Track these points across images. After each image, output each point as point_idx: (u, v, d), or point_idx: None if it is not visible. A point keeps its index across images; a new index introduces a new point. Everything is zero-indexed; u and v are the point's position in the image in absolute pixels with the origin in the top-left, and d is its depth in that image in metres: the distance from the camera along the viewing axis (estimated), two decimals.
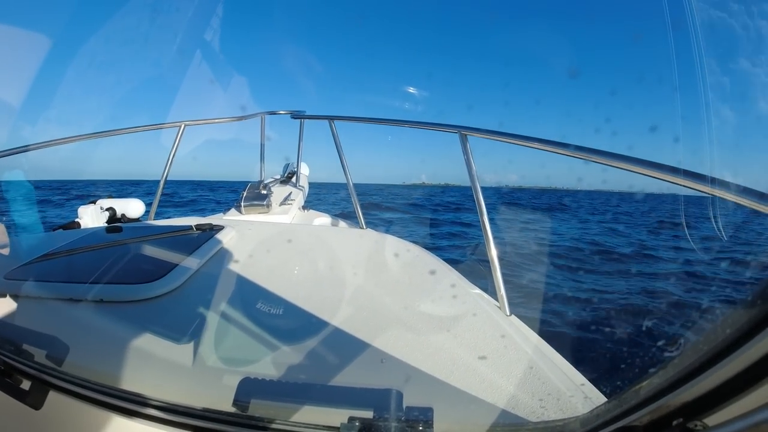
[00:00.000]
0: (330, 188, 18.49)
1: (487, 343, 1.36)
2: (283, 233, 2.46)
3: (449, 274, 1.92)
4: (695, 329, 4.23)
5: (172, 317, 1.47)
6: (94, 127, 9.97)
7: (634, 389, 0.68)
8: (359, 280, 1.83)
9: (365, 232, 2.68)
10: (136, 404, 1.07)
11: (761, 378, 0.44)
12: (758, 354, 0.44)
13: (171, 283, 1.62)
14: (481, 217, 1.79)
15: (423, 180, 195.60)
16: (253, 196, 3.30)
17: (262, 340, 1.35)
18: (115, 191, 4.60)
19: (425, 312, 1.56)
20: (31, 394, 1.12)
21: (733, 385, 0.47)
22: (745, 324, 0.45)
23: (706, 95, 1.31)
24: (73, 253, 1.95)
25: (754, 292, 0.46)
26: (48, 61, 2.67)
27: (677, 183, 1.27)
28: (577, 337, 4.09)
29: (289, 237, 2.39)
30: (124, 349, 1.29)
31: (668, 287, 5.70)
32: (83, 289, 1.57)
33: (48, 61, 2.67)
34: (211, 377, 1.19)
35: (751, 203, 1.15)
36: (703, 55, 1.30)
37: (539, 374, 1.21)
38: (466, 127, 2.00)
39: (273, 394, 1.04)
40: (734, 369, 0.46)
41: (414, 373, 1.20)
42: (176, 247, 1.94)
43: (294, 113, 3.85)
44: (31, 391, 1.12)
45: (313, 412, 1.02)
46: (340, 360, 1.24)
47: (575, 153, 1.54)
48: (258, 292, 1.65)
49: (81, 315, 1.48)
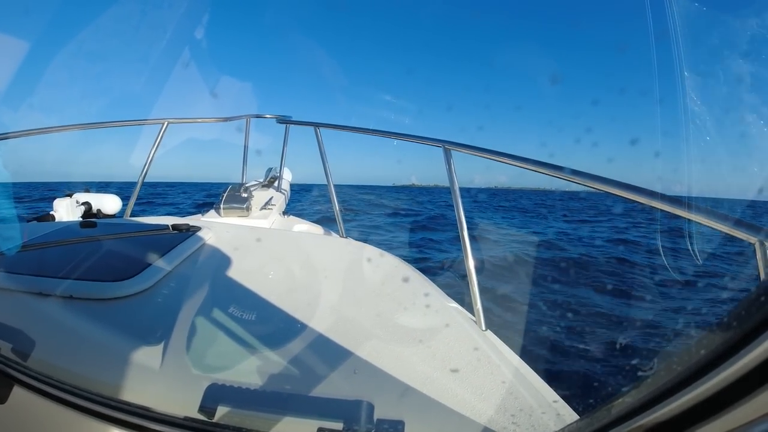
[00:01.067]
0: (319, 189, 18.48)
1: (461, 356, 1.35)
2: (262, 238, 2.43)
3: (426, 287, 1.91)
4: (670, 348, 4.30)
5: (142, 318, 1.44)
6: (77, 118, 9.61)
7: (606, 408, 0.67)
8: (335, 288, 1.82)
9: (344, 240, 2.67)
10: (100, 405, 1.03)
11: (734, 401, 0.44)
12: (732, 377, 0.43)
13: (143, 282, 1.59)
14: (461, 231, 1.80)
15: (413, 181, 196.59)
16: (233, 198, 3.26)
17: (233, 345, 1.32)
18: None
19: (400, 323, 1.55)
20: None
21: (706, 407, 0.47)
22: (720, 345, 0.45)
23: (686, 111, 1.33)
24: (46, 247, 1.90)
25: (728, 314, 0.46)
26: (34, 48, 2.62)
27: (655, 207, 1.29)
28: (552, 354, 4.12)
29: (267, 242, 2.36)
30: (91, 348, 1.26)
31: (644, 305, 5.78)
32: (53, 283, 1.52)
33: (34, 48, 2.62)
34: (178, 381, 1.16)
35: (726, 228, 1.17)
36: (685, 69, 1.33)
37: (512, 390, 1.21)
38: (450, 141, 2.02)
39: (241, 402, 1.02)
40: (708, 390, 0.46)
41: (386, 384, 1.19)
42: (151, 247, 1.90)
43: (280, 118, 3.84)
44: None
45: (281, 422, 0.99)
46: (311, 369, 1.22)
47: (558, 174, 1.56)
48: (232, 296, 1.63)
49: (49, 310, 1.45)
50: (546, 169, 1.60)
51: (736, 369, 0.43)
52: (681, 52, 1.32)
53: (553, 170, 1.58)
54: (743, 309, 0.44)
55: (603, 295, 6.13)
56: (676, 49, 1.33)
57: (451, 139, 2.00)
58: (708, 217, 1.20)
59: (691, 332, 4.74)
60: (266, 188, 4.14)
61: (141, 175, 3.24)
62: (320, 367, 1.23)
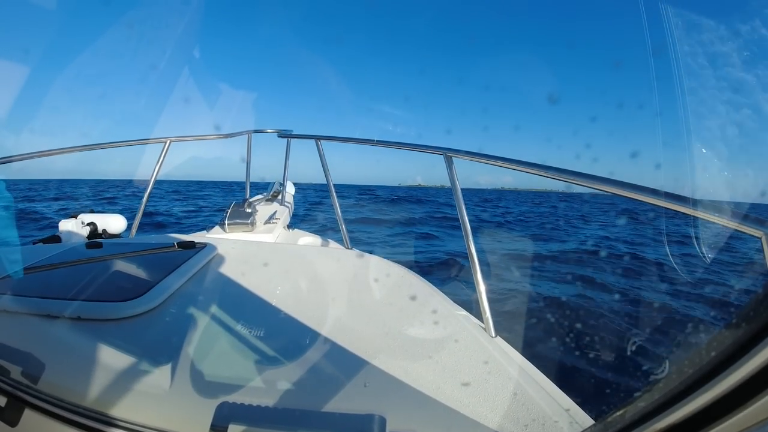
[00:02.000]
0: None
1: (472, 367, 1.34)
2: (267, 252, 2.43)
3: (434, 296, 1.90)
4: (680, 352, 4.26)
5: (150, 337, 1.44)
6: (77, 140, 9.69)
7: (620, 413, 0.67)
8: (343, 301, 1.81)
9: (350, 252, 2.66)
10: (111, 426, 1.03)
11: (747, 400, 0.43)
12: (743, 376, 0.43)
13: (151, 301, 1.59)
14: (466, 240, 1.79)
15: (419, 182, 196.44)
16: (238, 214, 3.27)
17: (243, 363, 1.32)
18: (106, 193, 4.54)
19: (409, 335, 1.54)
20: (7, 411, 1.09)
21: (719, 408, 0.47)
22: (730, 346, 0.45)
23: (687, 122, 1.33)
24: (52, 268, 1.91)
25: (738, 314, 0.46)
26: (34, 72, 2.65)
27: (659, 204, 1.28)
28: (563, 359, 4.08)
29: (272, 256, 2.36)
30: (100, 369, 1.25)
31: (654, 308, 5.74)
32: (61, 305, 1.52)
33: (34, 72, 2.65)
34: (188, 400, 1.16)
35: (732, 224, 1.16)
36: (683, 81, 1.33)
37: (524, 399, 1.19)
38: (451, 149, 2.02)
39: (252, 419, 1.01)
40: (720, 391, 0.46)
41: (397, 398, 1.18)
42: (157, 265, 1.91)
43: (281, 132, 3.86)
44: (7, 408, 1.09)
45: None
46: (322, 384, 1.21)
47: (557, 176, 1.56)
48: (240, 312, 1.63)
49: (58, 332, 1.44)
50: (547, 171, 1.60)
51: (748, 368, 0.43)
52: (679, 64, 1.33)
53: (555, 173, 1.57)
54: (752, 308, 0.44)
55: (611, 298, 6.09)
56: (675, 62, 1.33)
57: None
58: (713, 213, 1.19)
59: (701, 334, 4.69)
60: (270, 202, 4.15)
61: (145, 194, 3.26)
62: (330, 382, 1.22)
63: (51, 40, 35.63)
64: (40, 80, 5.03)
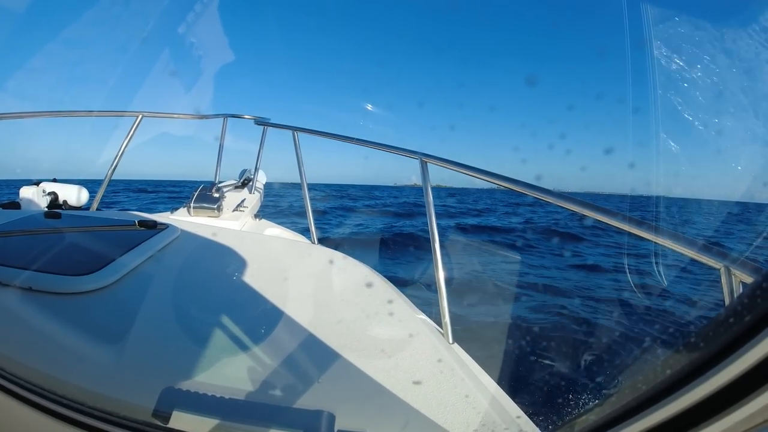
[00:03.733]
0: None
1: (426, 369, 1.35)
2: (230, 239, 2.38)
3: (395, 298, 1.90)
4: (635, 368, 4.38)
5: (101, 314, 1.40)
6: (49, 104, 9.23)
7: (569, 425, 0.67)
8: (302, 294, 1.80)
9: (315, 247, 2.64)
10: (51, 402, 0.99)
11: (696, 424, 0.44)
12: (696, 398, 0.43)
13: (105, 278, 1.54)
14: (432, 243, 1.81)
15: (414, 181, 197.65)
16: (205, 198, 3.20)
17: (192, 348, 1.28)
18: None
19: (366, 333, 1.53)
20: None
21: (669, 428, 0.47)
22: (685, 366, 0.45)
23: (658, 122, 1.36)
24: (7, 235, 1.83)
25: (695, 335, 0.46)
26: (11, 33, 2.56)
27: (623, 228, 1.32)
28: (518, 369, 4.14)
29: (235, 244, 2.31)
30: (46, 342, 1.22)
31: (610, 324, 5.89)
32: (12, 273, 1.47)
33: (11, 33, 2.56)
34: (133, 383, 1.12)
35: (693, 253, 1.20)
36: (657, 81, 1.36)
37: (475, 404, 1.20)
38: (427, 154, 2.06)
39: (197, 407, 0.98)
40: (671, 411, 0.46)
41: (349, 395, 1.17)
42: (116, 242, 1.85)
43: (258, 119, 3.80)
44: None
45: (239, 430, 0.96)
46: (273, 377, 1.19)
47: (527, 191, 1.59)
48: (195, 297, 1.59)
49: (6, 300, 1.40)
50: (517, 186, 1.63)
51: (701, 391, 0.43)
52: (655, 63, 1.36)
53: (525, 188, 1.60)
54: (710, 330, 0.44)
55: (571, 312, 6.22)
56: (650, 60, 1.36)
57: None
58: (675, 241, 1.22)
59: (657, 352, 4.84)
60: (239, 189, 4.08)
61: (110, 168, 3.16)
62: (283, 375, 1.21)
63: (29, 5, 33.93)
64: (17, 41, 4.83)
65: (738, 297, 1.07)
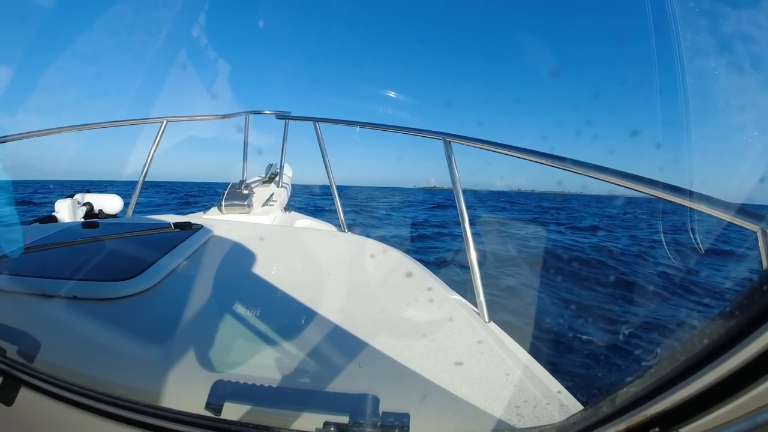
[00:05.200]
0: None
1: (465, 349, 1.36)
2: (264, 234, 2.43)
3: (429, 280, 1.91)
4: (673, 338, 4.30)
5: (146, 316, 1.44)
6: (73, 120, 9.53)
7: (611, 398, 0.67)
8: (338, 283, 1.82)
9: (346, 235, 2.66)
10: (107, 404, 1.04)
11: (738, 389, 0.44)
12: (735, 365, 0.43)
13: (147, 281, 1.59)
14: (462, 223, 1.80)
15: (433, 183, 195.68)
16: (235, 195, 3.26)
17: (238, 342, 1.32)
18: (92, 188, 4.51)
19: (404, 317, 1.55)
20: (3, 390, 1.09)
21: (710, 396, 0.47)
22: (723, 334, 0.45)
23: (686, 102, 1.32)
24: (49, 248, 1.90)
25: (731, 303, 0.46)
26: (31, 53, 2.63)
27: (656, 195, 1.28)
28: (556, 345, 4.12)
29: (269, 238, 2.36)
30: (96, 348, 1.26)
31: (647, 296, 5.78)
32: (57, 284, 1.53)
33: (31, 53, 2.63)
34: (184, 379, 1.16)
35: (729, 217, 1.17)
36: (684, 60, 1.32)
37: (516, 381, 1.21)
38: (450, 134, 2.02)
39: (247, 397, 1.02)
40: (711, 379, 0.46)
41: (391, 378, 1.19)
42: (153, 245, 1.90)
43: (279, 114, 3.83)
44: (3, 387, 1.09)
45: (288, 417, 1.00)
46: (316, 364, 1.22)
47: (558, 164, 1.56)
48: (235, 293, 1.63)
49: (54, 311, 1.44)
50: (545, 159, 1.59)
51: (740, 358, 0.43)
52: (680, 42, 1.32)
53: (554, 161, 1.57)
54: (746, 298, 0.44)
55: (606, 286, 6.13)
56: (676, 40, 1.32)
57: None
58: (710, 205, 1.19)
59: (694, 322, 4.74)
60: (267, 184, 4.13)
61: (141, 175, 3.24)
62: (325, 362, 1.23)
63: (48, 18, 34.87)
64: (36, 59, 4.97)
65: None
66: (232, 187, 3.38)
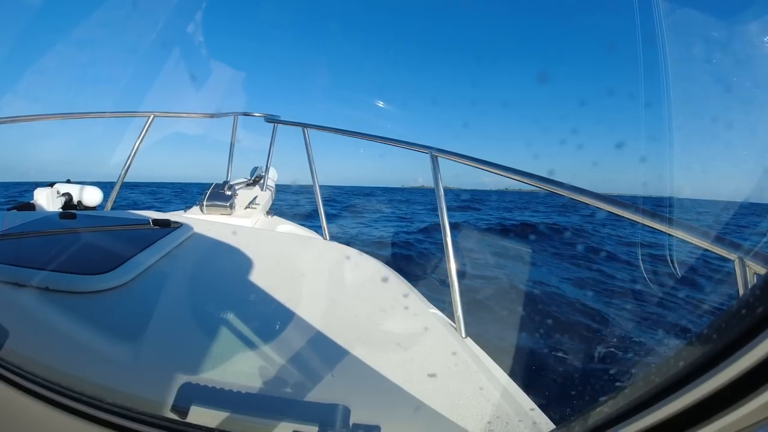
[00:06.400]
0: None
1: (439, 362, 1.35)
2: (243, 237, 2.40)
3: (408, 293, 1.91)
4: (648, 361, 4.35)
5: (118, 312, 1.42)
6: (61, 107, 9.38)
7: (583, 417, 0.67)
8: (315, 290, 1.81)
9: (327, 242, 2.65)
10: (70, 399, 1.01)
11: (712, 414, 0.44)
12: (709, 390, 0.43)
13: (121, 277, 1.56)
14: (444, 236, 1.80)
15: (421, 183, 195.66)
16: (217, 196, 3.24)
17: (208, 344, 1.30)
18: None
19: (379, 327, 1.54)
20: None
21: (683, 420, 0.47)
22: (698, 358, 0.45)
23: (671, 116, 1.35)
24: (24, 237, 1.86)
25: (708, 326, 0.46)
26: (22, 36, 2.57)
27: (636, 221, 1.31)
28: (530, 363, 4.13)
29: (248, 241, 2.33)
30: (64, 341, 1.24)
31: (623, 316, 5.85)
32: (29, 274, 1.50)
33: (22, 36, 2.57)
34: (151, 379, 1.14)
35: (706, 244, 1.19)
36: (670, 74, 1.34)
37: (489, 397, 1.21)
38: (437, 148, 2.05)
39: (214, 402, 1.00)
40: (685, 403, 0.46)
41: (363, 388, 1.18)
42: (130, 241, 1.87)
43: (268, 117, 3.82)
44: None
45: (255, 424, 0.98)
46: (288, 371, 1.21)
47: (541, 185, 1.58)
48: (210, 294, 1.61)
49: (24, 301, 1.42)
50: (530, 179, 1.62)
51: (716, 382, 0.43)
52: (667, 56, 1.34)
53: (537, 181, 1.59)
54: (723, 322, 0.44)
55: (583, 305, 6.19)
56: (662, 54, 1.34)
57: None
58: (689, 232, 1.21)
59: (670, 344, 4.81)
60: (251, 187, 4.10)
61: (123, 168, 3.19)
62: (297, 370, 1.22)
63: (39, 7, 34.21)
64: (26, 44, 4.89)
65: (751, 288, 1.06)
66: (215, 187, 3.35)
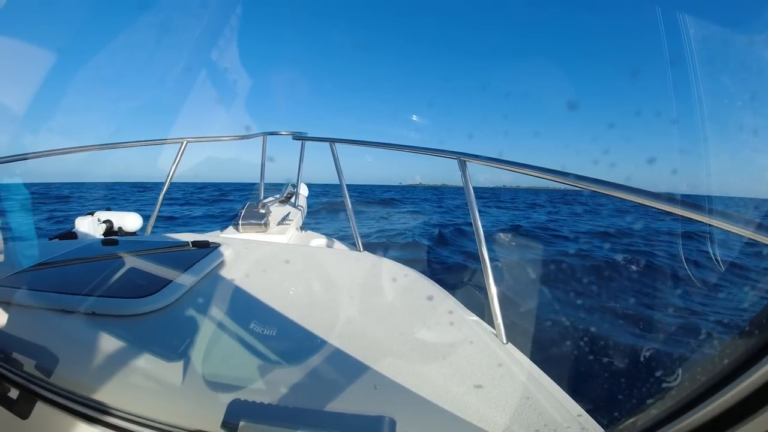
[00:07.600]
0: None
1: (483, 372, 1.33)
2: (280, 253, 2.43)
3: (446, 301, 1.89)
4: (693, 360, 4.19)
5: (164, 334, 1.44)
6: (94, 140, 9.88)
7: (632, 420, 0.66)
8: (355, 303, 1.81)
9: (362, 254, 2.66)
10: (123, 420, 1.05)
11: (759, 408, 0.43)
12: (756, 384, 0.43)
13: (165, 299, 1.60)
14: (479, 245, 1.77)
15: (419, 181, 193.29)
16: (251, 214, 3.29)
17: (255, 361, 1.32)
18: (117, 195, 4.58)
19: (421, 338, 1.53)
20: (19, 404, 1.09)
21: (731, 416, 0.46)
22: (742, 354, 0.45)
23: (704, 129, 1.32)
24: (68, 264, 1.93)
25: (750, 323, 0.46)
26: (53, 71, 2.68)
27: (675, 212, 1.27)
28: (575, 367, 4.03)
29: (285, 257, 2.36)
30: (113, 364, 1.26)
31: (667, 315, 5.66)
32: (76, 300, 1.54)
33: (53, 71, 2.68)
34: (200, 397, 1.16)
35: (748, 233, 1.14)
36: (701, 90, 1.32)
37: (535, 405, 1.19)
38: (465, 153, 2.01)
39: (263, 417, 1.02)
40: (732, 400, 0.45)
41: (408, 400, 1.18)
42: (172, 263, 1.92)
43: (295, 134, 3.88)
44: (19, 400, 1.10)
45: None
46: (332, 384, 1.22)
47: (573, 182, 1.54)
48: (252, 312, 1.63)
49: (72, 327, 1.45)
50: (559, 177, 1.58)
51: (761, 377, 0.42)
52: (697, 73, 1.32)
53: (573, 179, 1.56)
54: (765, 316, 0.44)
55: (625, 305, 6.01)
56: (692, 71, 1.32)
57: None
58: (729, 221, 1.17)
59: (714, 341, 4.62)
60: (283, 204, 4.17)
61: (161, 193, 3.29)
62: (342, 383, 1.22)
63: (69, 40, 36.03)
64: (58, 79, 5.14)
65: None
66: (249, 206, 3.41)
